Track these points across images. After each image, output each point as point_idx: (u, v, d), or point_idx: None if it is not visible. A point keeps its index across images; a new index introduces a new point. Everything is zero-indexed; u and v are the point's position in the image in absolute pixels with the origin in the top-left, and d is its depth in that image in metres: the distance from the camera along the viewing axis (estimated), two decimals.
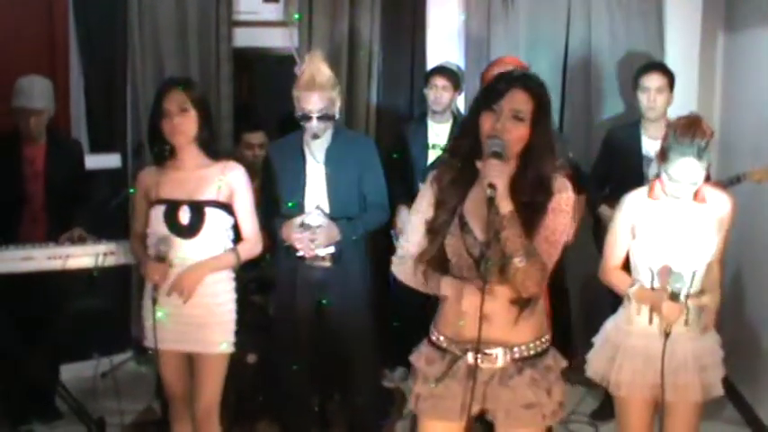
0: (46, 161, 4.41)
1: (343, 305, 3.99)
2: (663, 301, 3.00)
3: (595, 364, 3.28)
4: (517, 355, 2.62)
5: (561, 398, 2.69)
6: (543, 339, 2.69)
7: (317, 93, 3.83)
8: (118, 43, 5.27)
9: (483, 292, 2.47)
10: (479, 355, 2.56)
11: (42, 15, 5.05)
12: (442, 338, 2.70)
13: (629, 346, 3.17)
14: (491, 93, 2.53)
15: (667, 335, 3.02)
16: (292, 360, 4.02)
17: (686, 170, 2.96)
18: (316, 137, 3.90)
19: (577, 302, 5.30)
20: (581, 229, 4.55)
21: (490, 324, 2.54)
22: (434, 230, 2.62)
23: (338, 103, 3.96)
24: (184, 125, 3.41)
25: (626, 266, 3.26)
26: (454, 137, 2.69)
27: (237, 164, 3.59)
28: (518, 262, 2.45)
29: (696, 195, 3.09)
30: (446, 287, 2.63)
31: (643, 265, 3.14)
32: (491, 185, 2.41)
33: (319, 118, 3.84)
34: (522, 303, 2.57)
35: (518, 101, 2.49)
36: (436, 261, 2.64)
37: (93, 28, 5.28)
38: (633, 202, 3.18)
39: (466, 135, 2.60)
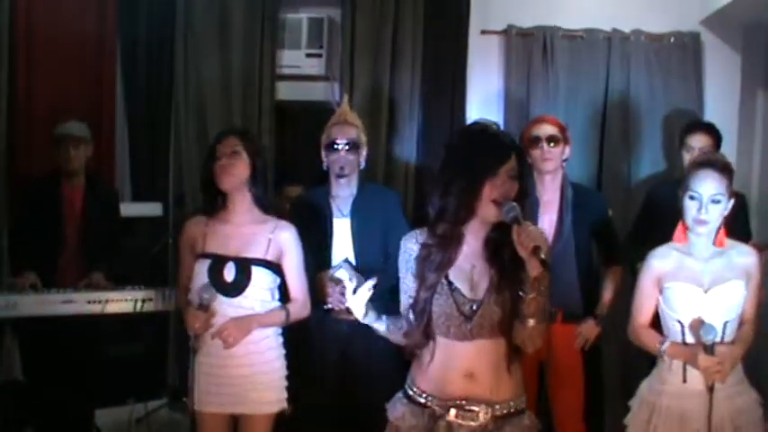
0: (83, 203, 4.51)
1: (369, 358, 3.95)
2: (698, 355, 2.96)
3: (633, 428, 3.20)
4: (498, 413, 2.57)
5: None
6: (522, 399, 2.66)
7: (347, 126, 3.94)
8: (163, 94, 5.40)
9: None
10: (460, 412, 2.56)
11: (91, 66, 5.19)
12: (423, 394, 2.65)
13: (664, 406, 3.09)
14: (493, 159, 2.49)
15: (711, 389, 2.96)
16: (317, 412, 3.96)
17: (705, 181, 3.02)
18: (341, 172, 3.91)
19: (617, 364, 5.21)
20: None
21: (475, 381, 2.56)
22: (420, 309, 2.62)
23: (364, 151, 4.02)
24: (234, 167, 3.36)
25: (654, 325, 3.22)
26: (437, 207, 2.56)
27: (289, 224, 3.50)
28: (532, 322, 2.46)
29: (716, 240, 3.08)
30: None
31: (671, 319, 3.11)
32: (537, 247, 2.37)
33: (348, 146, 3.90)
34: (511, 358, 2.59)
35: (514, 162, 2.51)
36: (424, 327, 2.63)
37: (140, 79, 5.43)
38: (657, 257, 3.17)
39: (458, 203, 2.52)
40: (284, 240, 3.43)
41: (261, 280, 3.37)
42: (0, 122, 4.72)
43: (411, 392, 2.70)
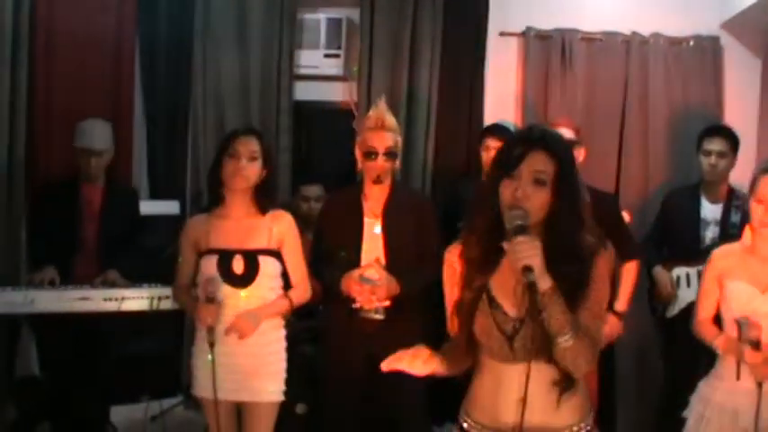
0: (102, 203, 4.53)
1: None
2: (744, 350, 3.00)
3: (690, 420, 3.24)
4: None
5: None
6: (586, 422, 2.38)
7: (385, 132, 3.87)
8: (181, 93, 5.42)
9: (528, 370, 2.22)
10: None
11: (110, 65, 5.20)
12: (475, 425, 2.43)
13: (717, 402, 3.14)
14: (509, 158, 2.23)
15: (760, 385, 3.00)
16: (342, 412, 3.97)
17: None
18: (378, 180, 3.89)
19: (632, 366, 5.20)
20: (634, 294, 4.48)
21: (530, 408, 2.25)
22: (462, 313, 2.37)
23: (399, 156, 4.00)
24: (249, 171, 3.45)
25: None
26: (469, 214, 2.36)
27: (285, 212, 3.64)
28: (564, 341, 2.18)
29: None
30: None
31: (728, 317, 3.16)
32: (527, 267, 2.13)
33: (386, 155, 3.86)
34: (565, 385, 2.28)
35: (538, 162, 2.21)
36: (466, 344, 2.39)
37: (158, 78, 5.46)
38: (720, 255, 3.25)
39: (484, 209, 2.30)
40: (283, 228, 3.56)
41: (269, 268, 3.50)
42: (19, 121, 4.74)
43: (465, 425, 2.46)
